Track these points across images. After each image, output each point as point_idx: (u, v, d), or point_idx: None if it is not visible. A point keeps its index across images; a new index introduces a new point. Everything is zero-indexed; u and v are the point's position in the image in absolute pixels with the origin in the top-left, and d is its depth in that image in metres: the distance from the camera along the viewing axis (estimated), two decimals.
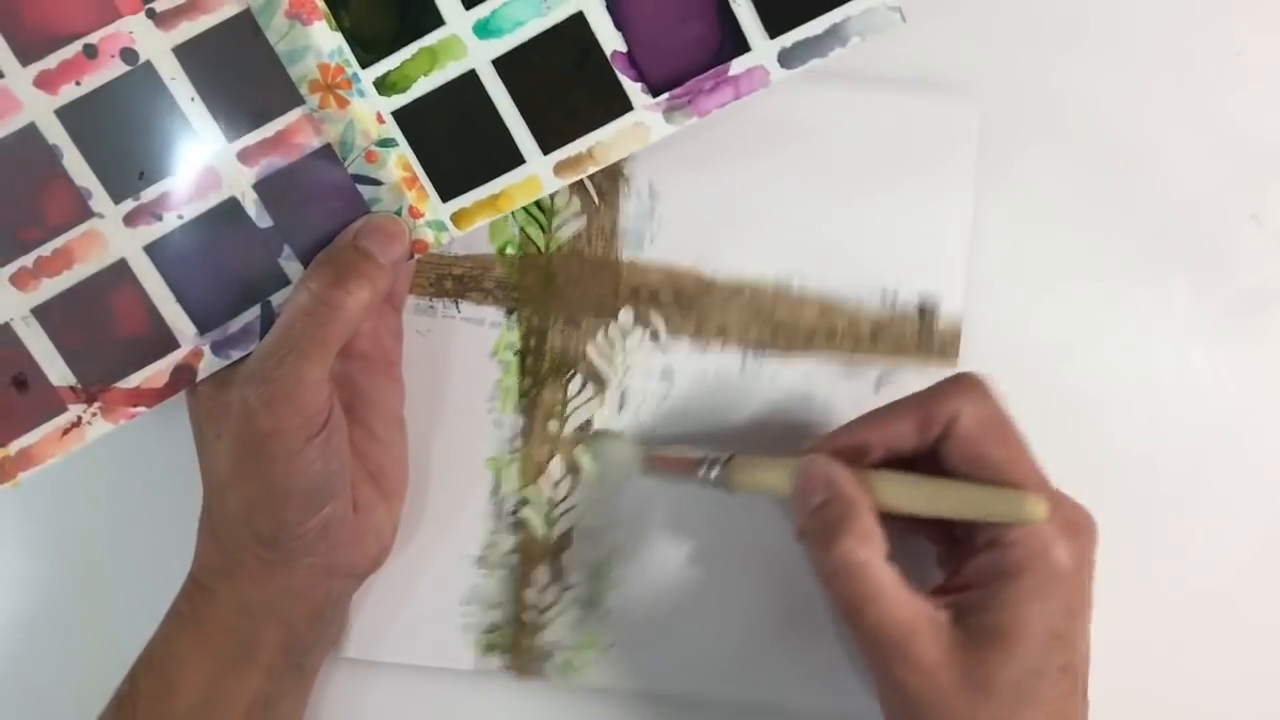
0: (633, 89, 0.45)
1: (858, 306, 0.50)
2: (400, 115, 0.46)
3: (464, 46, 0.45)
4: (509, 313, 0.50)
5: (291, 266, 0.46)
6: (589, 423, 0.51)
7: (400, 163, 0.46)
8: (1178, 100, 0.51)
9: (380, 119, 0.46)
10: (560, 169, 0.46)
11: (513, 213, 0.50)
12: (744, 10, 0.44)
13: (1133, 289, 0.51)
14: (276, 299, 0.46)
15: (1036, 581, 0.41)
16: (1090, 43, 0.51)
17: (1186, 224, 0.51)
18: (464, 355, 0.50)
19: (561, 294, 0.50)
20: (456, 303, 0.50)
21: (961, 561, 0.44)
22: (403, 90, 0.46)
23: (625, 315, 0.50)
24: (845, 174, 0.50)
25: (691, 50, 0.45)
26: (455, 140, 0.46)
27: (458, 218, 0.47)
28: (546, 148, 0.46)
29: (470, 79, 0.45)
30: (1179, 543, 0.51)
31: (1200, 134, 0.51)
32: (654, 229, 0.50)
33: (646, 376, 0.51)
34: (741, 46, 0.44)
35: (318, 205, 0.46)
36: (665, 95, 0.45)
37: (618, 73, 0.45)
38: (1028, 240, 0.50)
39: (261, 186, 0.46)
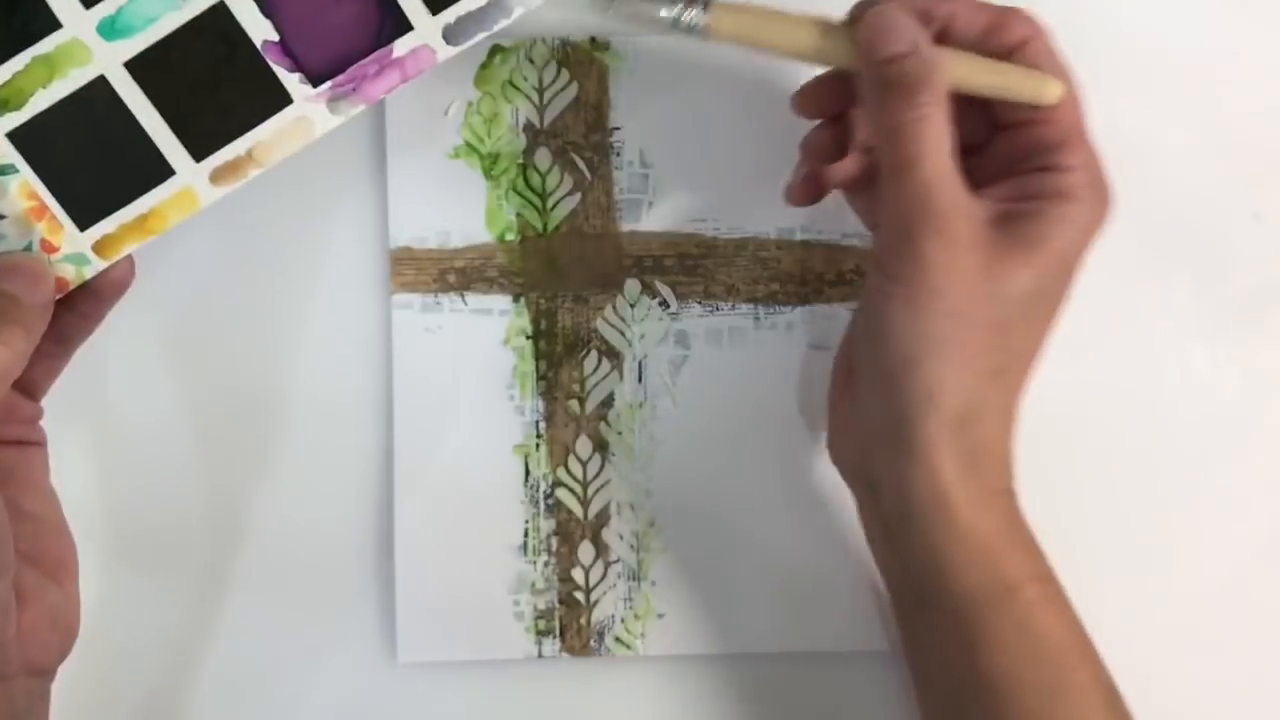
0: (290, 80, 0.41)
1: (863, 247, 0.50)
2: (17, 136, 0.40)
3: (88, 51, 0.40)
4: (516, 299, 0.50)
5: None
6: (610, 398, 0.51)
7: (24, 191, 0.41)
8: (1177, 100, 0.51)
9: None
10: (217, 176, 0.41)
11: (506, 198, 0.50)
12: None
13: (1133, 288, 0.51)
14: None
15: (1082, 210, 0.41)
16: (1089, 42, 0.50)
17: (1187, 223, 0.51)
18: (477, 347, 0.50)
19: (566, 273, 0.50)
20: (462, 295, 0.50)
21: (1006, 176, 0.42)
22: (17, 107, 0.40)
23: (631, 286, 0.51)
24: None
25: (350, 34, 0.41)
26: (88, 158, 0.41)
27: (100, 246, 0.41)
28: (199, 154, 0.41)
29: (100, 86, 0.40)
30: (1180, 542, 0.50)
31: (1200, 134, 0.51)
32: (650, 197, 0.51)
33: (661, 344, 0.51)
34: (403, 26, 0.41)
35: None
36: (327, 84, 0.41)
37: (271, 64, 0.41)
38: None
39: None
